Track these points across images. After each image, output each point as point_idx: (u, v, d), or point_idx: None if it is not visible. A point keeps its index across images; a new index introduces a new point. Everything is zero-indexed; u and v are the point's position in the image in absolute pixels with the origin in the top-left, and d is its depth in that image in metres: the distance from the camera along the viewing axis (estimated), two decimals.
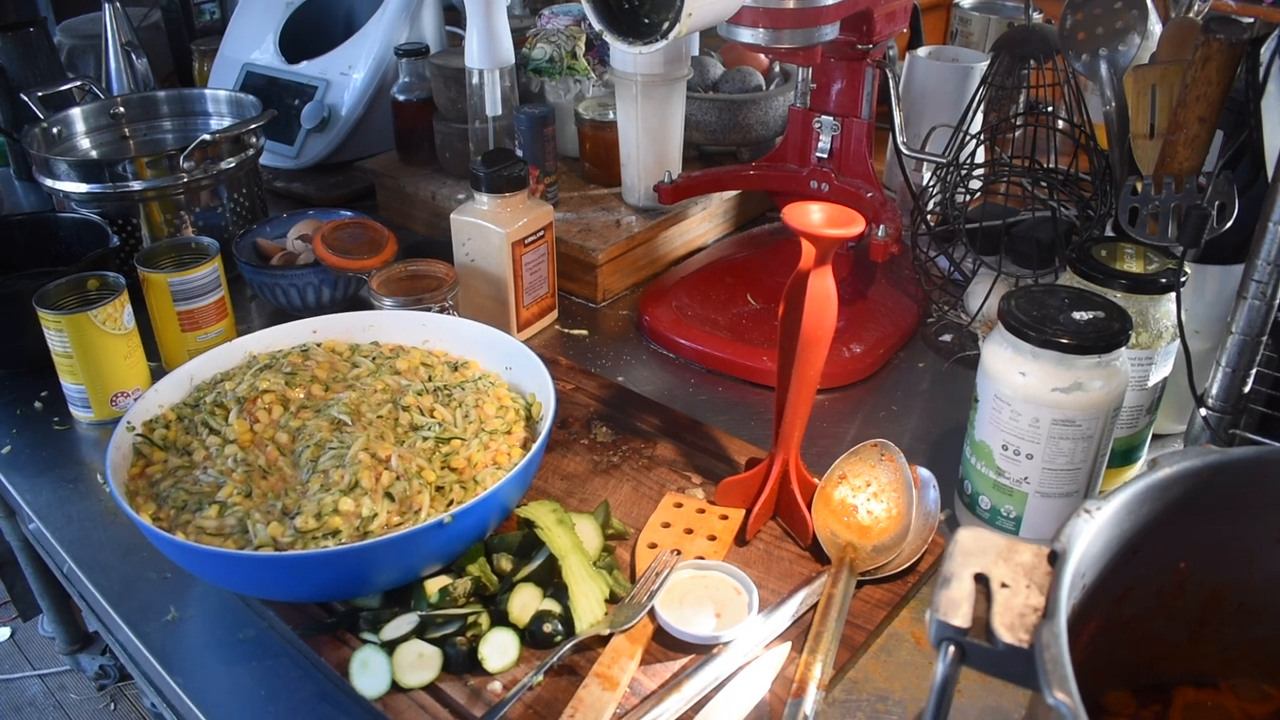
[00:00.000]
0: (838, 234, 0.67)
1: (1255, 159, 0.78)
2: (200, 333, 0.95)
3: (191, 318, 0.94)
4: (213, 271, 0.95)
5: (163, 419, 0.75)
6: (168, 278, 0.92)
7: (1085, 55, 0.86)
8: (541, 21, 1.27)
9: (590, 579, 0.68)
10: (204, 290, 0.94)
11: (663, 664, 0.66)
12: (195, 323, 0.95)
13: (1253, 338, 0.72)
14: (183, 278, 0.93)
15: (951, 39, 1.45)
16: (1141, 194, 0.77)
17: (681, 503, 0.79)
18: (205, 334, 0.96)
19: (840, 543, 0.74)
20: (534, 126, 1.12)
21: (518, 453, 0.74)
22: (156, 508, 0.68)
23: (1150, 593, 0.51)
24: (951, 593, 0.39)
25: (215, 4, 1.67)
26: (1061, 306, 0.70)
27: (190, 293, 0.94)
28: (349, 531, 0.65)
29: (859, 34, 0.95)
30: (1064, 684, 0.35)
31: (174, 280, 0.93)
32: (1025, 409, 0.69)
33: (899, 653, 0.68)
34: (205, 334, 0.96)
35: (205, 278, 0.94)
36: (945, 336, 1.06)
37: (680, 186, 1.11)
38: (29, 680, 1.91)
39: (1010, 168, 1.02)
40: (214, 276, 0.95)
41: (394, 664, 0.64)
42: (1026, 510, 0.73)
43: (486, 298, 1.01)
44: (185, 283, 0.93)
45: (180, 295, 0.93)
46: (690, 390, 0.98)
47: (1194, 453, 0.47)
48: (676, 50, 1.08)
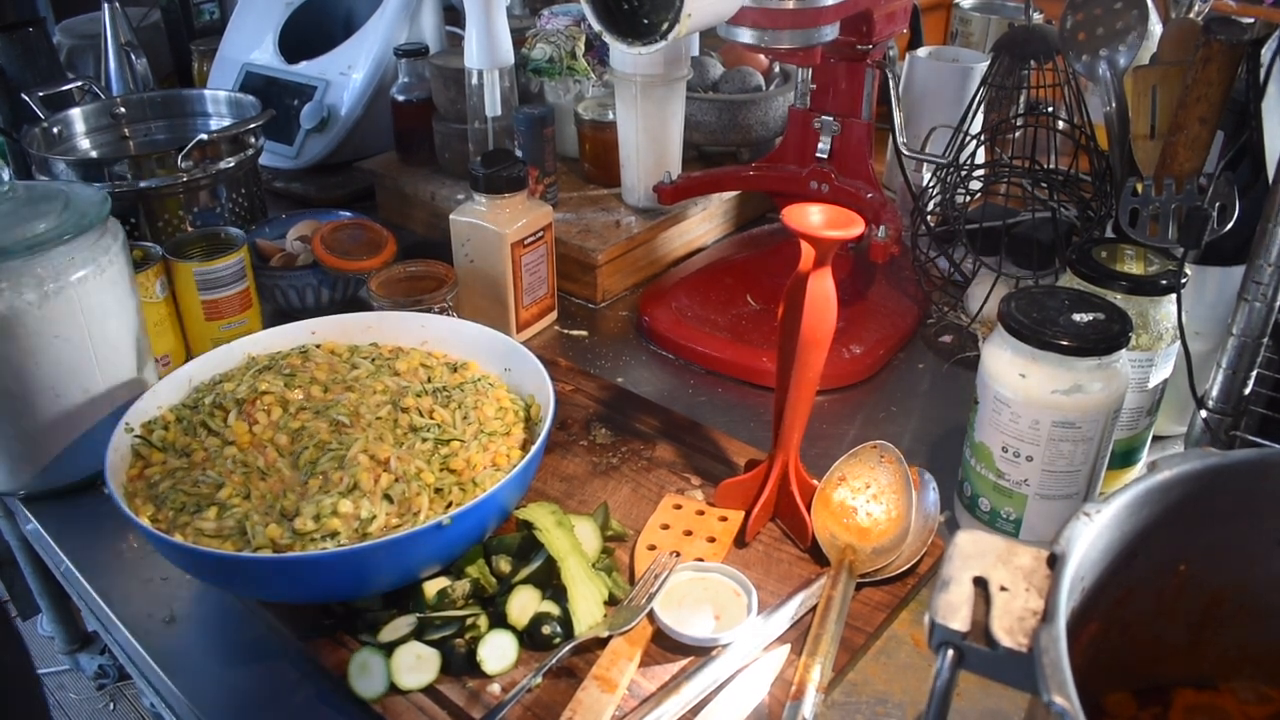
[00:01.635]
0: (837, 235, 0.67)
1: (1256, 160, 0.78)
2: (224, 322, 0.96)
3: (215, 307, 0.95)
4: (238, 262, 0.96)
5: (161, 420, 0.75)
6: (193, 267, 0.93)
7: (1085, 56, 0.86)
8: (541, 22, 1.27)
9: (589, 581, 0.68)
10: (229, 280, 0.95)
11: (662, 666, 0.65)
12: (219, 312, 0.96)
13: (1253, 339, 0.72)
14: (208, 267, 0.93)
15: (951, 39, 1.45)
16: (1142, 195, 0.77)
17: (681, 504, 0.79)
18: (229, 324, 0.96)
19: (840, 544, 0.74)
20: (533, 127, 1.12)
21: (517, 454, 0.74)
22: (155, 509, 0.68)
23: (1150, 595, 0.51)
24: (950, 596, 0.39)
25: (215, 4, 1.67)
26: (1061, 308, 0.70)
27: (215, 282, 0.94)
28: (348, 533, 0.65)
29: (859, 34, 0.95)
30: (1063, 687, 0.35)
31: (199, 270, 0.93)
32: (1025, 411, 0.69)
33: (898, 655, 0.68)
34: (229, 324, 0.96)
35: (230, 268, 0.95)
36: (945, 338, 1.06)
37: (680, 187, 1.11)
38: None
39: (1010, 168, 1.02)
40: (239, 267, 0.96)
41: (392, 666, 0.64)
42: (1026, 512, 0.73)
43: (486, 299, 1.01)
44: (210, 272, 0.94)
45: (205, 285, 0.94)
46: (690, 391, 0.98)
47: (1194, 455, 0.47)
48: (676, 51, 1.08)
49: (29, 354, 0.76)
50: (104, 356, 0.80)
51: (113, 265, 0.79)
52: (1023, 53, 1.01)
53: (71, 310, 0.76)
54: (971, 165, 1.02)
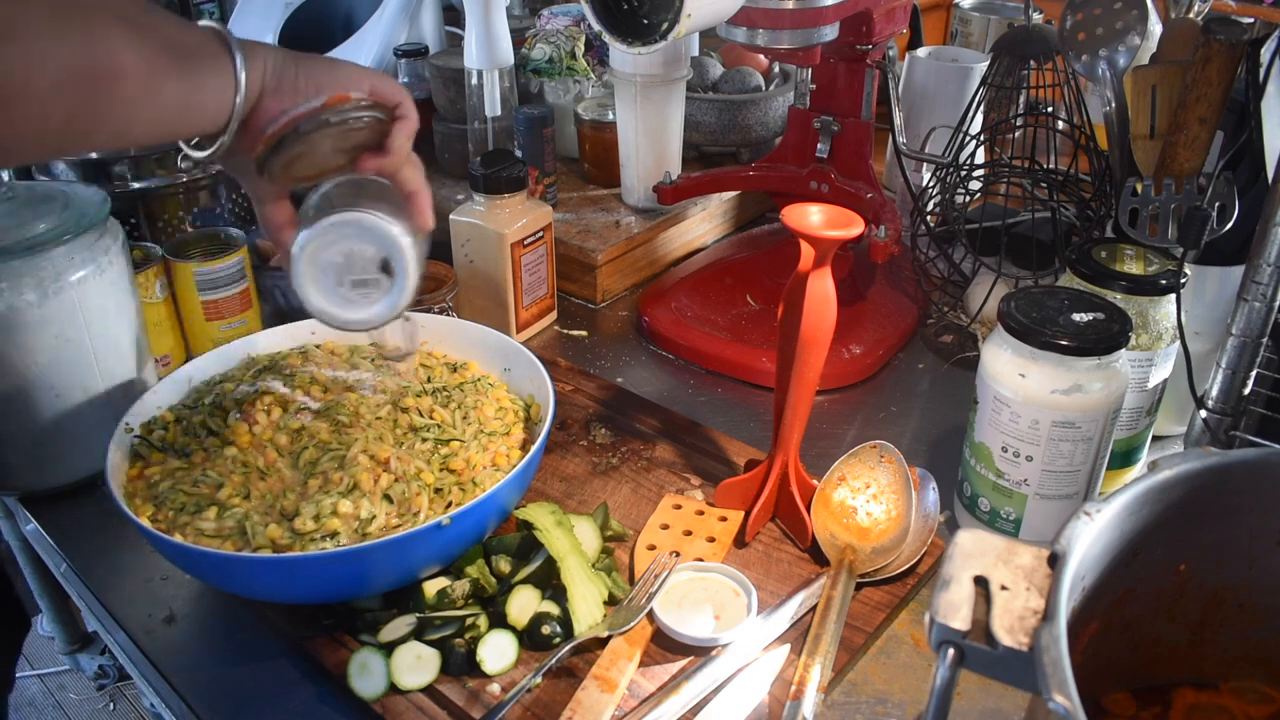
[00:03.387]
0: (837, 235, 0.67)
1: (1255, 160, 0.78)
2: (224, 322, 0.96)
3: (215, 307, 0.95)
4: (238, 263, 0.95)
5: (161, 420, 0.75)
6: (193, 267, 0.93)
7: (1085, 56, 0.86)
8: (541, 22, 1.27)
9: (589, 581, 0.68)
10: (229, 281, 0.95)
11: (661, 666, 0.65)
12: (219, 312, 0.95)
13: (1253, 339, 0.72)
14: (207, 267, 0.93)
15: (951, 39, 1.45)
16: (1142, 195, 0.77)
17: (680, 504, 0.79)
18: (229, 324, 0.96)
19: (839, 544, 0.74)
20: (533, 127, 1.12)
21: (516, 454, 0.74)
22: (155, 509, 0.68)
23: (1150, 595, 0.51)
24: (951, 595, 0.39)
25: (215, 4, 1.67)
26: (1061, 308, 0.70)
27: (215, 283, 0.94)
28: (347, 533, 0.65)
29: (859, 34, 0.95)
30: (1064, 686, 0.35)
31: (199, 270, 0.93)
32: (1025, 411, 0.69)
33: (898, 655, 0.68)
34: (229, 324, 0.96)
35: (230, 268, 0.95)
36: (945, 337, 1.06)
37: (680, 187, 1.11)
38: (28, 680, 1.91)
39: (1010, 168, 1.02)
40: (239, 268, 0.96)
41: (392, 666, 0.64)
42: (1026, 512, 0.73)
43: (485, 299, 1.01)
44: (210, 273, 0.94)
45: (205, 285, 0.94)
46: (689, 391, 0.98)
47: (1194, 455, 0.47)
48: (676, 51, 1.08)
49: (29, 354, 0.75)
50: (104, 356, 0.80)
51: (113, 265, 0.79)
52: (1023, 53, 1.02)
53: (71, 310, 0.76)
54: (971, 165, 1.03)
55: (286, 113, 0.59)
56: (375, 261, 0.65)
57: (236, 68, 0.57)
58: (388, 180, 0.67)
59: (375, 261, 0.65)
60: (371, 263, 0.65)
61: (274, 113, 0.59)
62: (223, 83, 0.57)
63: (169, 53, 0.54)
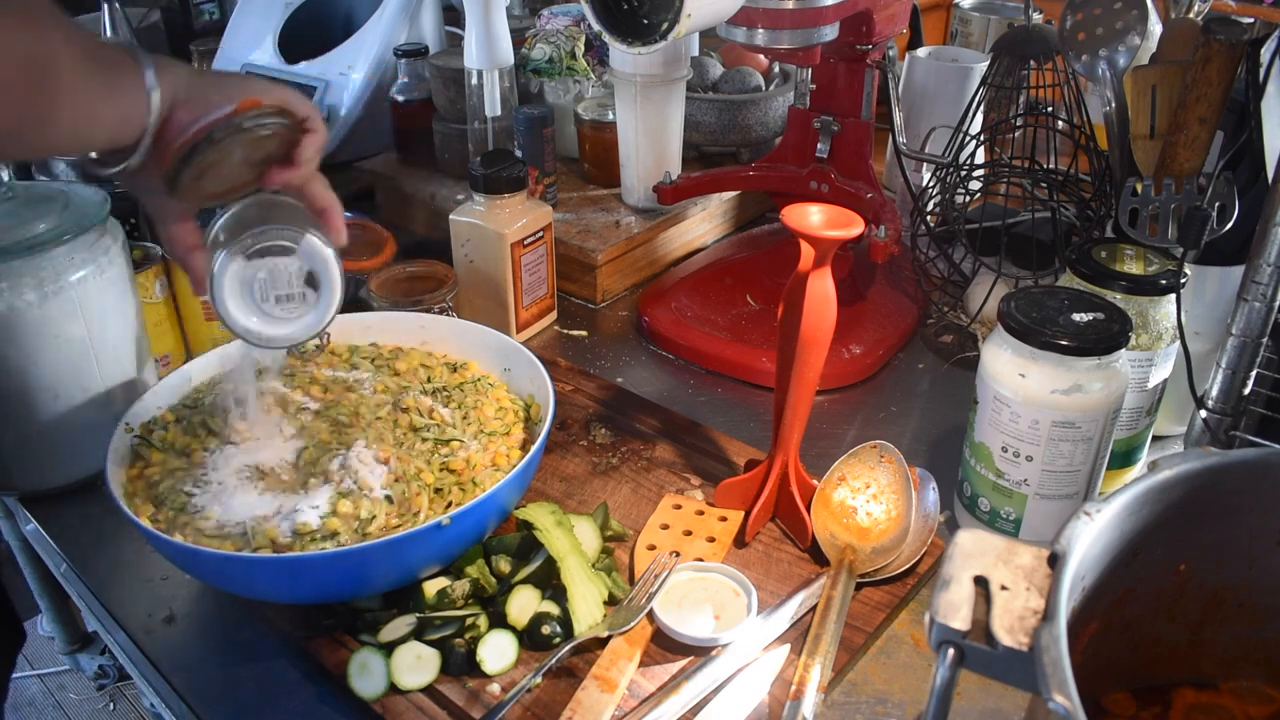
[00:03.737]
0: (837, 235, 0.67)
1: (1255, 160, 0.78)
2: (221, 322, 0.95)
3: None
4: None
5: (161, 420, 0.75)
6: None
7: (1085, 56, 0.86)
8: (541, 22, 1.27)
9: (589, 581, 0.68)
10: None
11: (661, 666, 0.65)
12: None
13: (1253, 339, 0.72)
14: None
15: (951, 39, 1.45)
16: (1142, 195, 0.77)
17: (680, 504, 0.79)
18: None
19: (839, 544, 0.74)
20: (533, 127, 1.12)
21: (516, 454, 0.74)
22: (155, 509, 0.68)
23: (1150, 595, 0.51)
24: (951, 595, 0.39)
25: (215, 4, 1.67)
26: (1061, 308, 0.70)
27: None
28: (347, 533, 0.65)
29: (859, 34, 0.95)
30: (1064, 686, 0.35)
31: None
32: (1025, 411, 0.69)
33: (898, 655, 0.68)
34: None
35: None
36: (945, 337, 1.06)
37: (680, 187, 1.11)
38: (28, 680, 1.91)
39: (1010, 168, 1.02)
40: None
41: (392, 666, 0.64)
42: (1026, 512, 0.73)
43: (485, 299, 1.01)
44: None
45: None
46: (689, 391, 0.98)
47: (1194, 455, 0.47)
48: (676, 51, 1.08)
49: (29, 354, 0.75)
50: (104, 356, 0.80)
51: (113, 265, 0.79)
52: (1023, 53, 1.01)
53: (71, 310, 0.76)
54: (971, 165, 1.03)
55: (198, 120, 0.59)
56: (300, 276, 0.66)
57: (147, 77, 0.57)
58: (295, 199, 0.67)
59: (300, 276, 0.66)
60: (296, 277, 0.65)
61: (185, 123, 0.59)
62: (137, 86, 0.57)
63: (92, 56, 0.55)
